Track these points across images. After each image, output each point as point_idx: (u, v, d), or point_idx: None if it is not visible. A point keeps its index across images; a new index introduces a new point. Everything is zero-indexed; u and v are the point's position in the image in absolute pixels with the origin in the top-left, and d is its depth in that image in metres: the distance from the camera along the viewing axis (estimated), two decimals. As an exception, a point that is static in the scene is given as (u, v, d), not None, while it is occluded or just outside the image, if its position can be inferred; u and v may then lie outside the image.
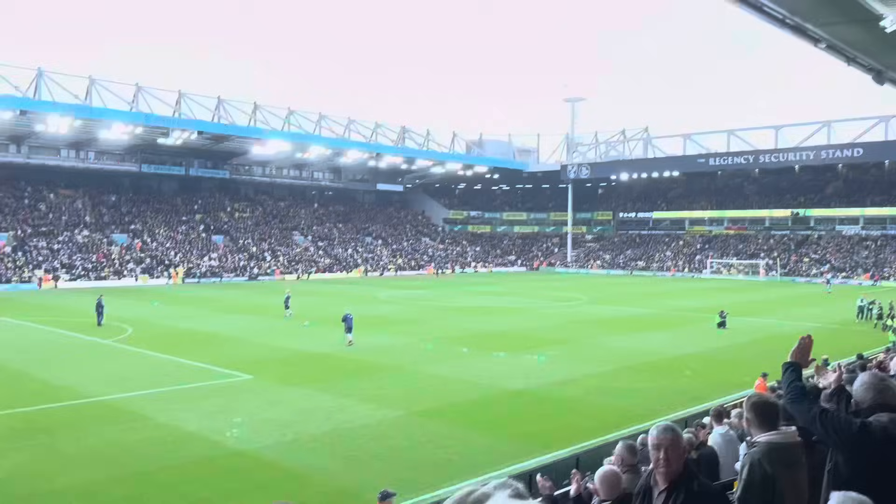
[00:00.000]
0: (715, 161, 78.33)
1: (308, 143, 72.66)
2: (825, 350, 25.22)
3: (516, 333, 31.23)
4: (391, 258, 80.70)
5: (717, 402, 17.56)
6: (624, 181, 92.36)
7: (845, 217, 77.35)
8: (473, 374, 22.34)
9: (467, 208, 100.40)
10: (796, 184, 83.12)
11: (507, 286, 60.16)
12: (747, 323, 35.11)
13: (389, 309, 41.12)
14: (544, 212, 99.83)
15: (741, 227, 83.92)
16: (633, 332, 32.34)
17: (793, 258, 74.49)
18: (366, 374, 22.41)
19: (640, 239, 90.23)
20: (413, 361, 24.38)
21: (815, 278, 66.55)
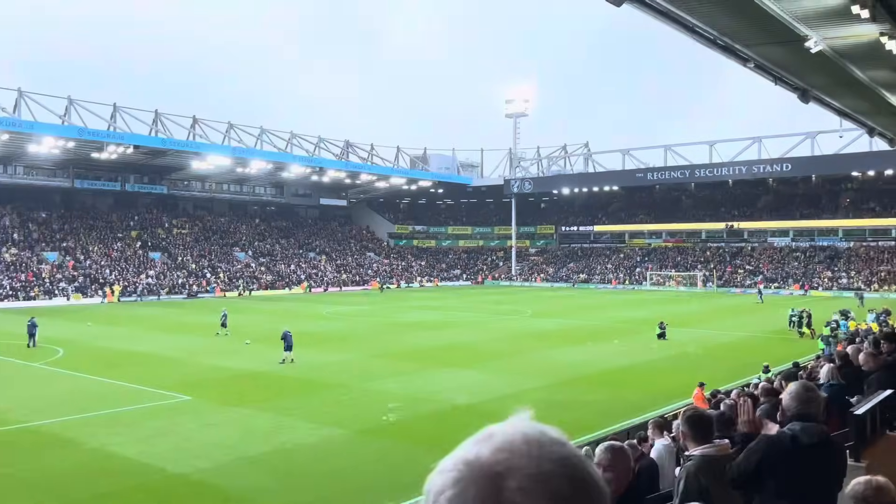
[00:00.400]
0: (653, 175, 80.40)
1: (249, 157, 71.55)
2: (762, 358, 26.08)
3: (462, 347, 31.18)
4: (335, 273, 79.99)
5: (659, 412, 17.90)
6: (566, 195, 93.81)
7: (776, 229, 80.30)
8: (418, 390, 22.21)
9: (412, 223, 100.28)
10: (730, 197, 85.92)
11: (452, 300, 60.16)
12: (686, 333, 35.90)
13: (333, 325, 40.63)
14: (489, 226, 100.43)
15: (679, 240, 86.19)
16: (576, 344, 32.67)
17: (728, 269, 76.84)
18: (308, 392, 22.04)
19: (582, 252, 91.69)
20: (357, 378, 24.10)
21: (749, 289, 68.72)
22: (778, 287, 70.12)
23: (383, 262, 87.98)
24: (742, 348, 31.65)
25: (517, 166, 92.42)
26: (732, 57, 10.94)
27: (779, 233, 80.00)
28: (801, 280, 70.40)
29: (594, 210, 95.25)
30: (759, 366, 23.97)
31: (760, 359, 26.15)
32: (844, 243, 75.33)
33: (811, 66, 11.33)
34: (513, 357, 28.80)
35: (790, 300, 54.68)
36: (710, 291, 71.74)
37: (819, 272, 71.51)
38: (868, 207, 75.78)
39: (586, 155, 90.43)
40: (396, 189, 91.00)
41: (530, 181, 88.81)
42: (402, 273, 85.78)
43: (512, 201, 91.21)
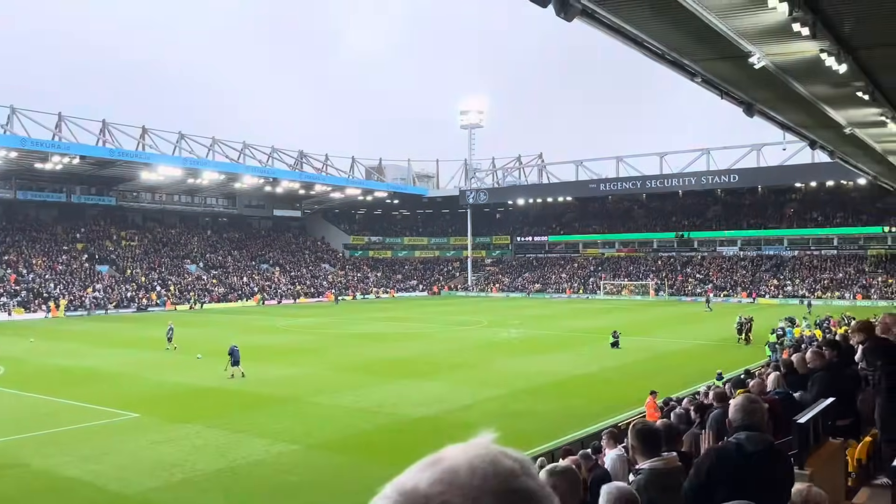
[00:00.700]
0: (605, 186, 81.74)
1: (200, 168, 70.34)
2: (714, 366, 26.61)
3: (418, 359, 31.09)
4: (289, 285, 79.11)
5: (613, 421, 18.10)
6: (521, 206, 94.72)
7: (724, 239, 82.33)
8: (375, 403, 22.03)
9: (368, 233, 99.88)
10: (680, 208, 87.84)
11: (408, 311, 60.03)
12: (639, 342, 36.48)
13: (287, 338, 40.16)
14: (444, 236, 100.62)
15: (631, 250, 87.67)
16: (531, 354, 32.87)
17: (679, 278, 78.41)
18: (261, 407, 21.66)
19: (536, 262, 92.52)
20: (311, 392, 23.79)
21: (699, 297, 70.20)
22: (727, 295, 71.82)
23: (338, 274, 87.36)
24: (693, 356, 32.26)
25: (472, 177, 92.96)
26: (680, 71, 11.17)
27: (727, 242, 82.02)
28: (749, 288, 72.24)
29: (549, 220, 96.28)
30: (711, 373, 24.46)
31: (712, 366, 26.68)
32: (789, 252, 77.63)
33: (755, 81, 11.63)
34: (468, 368, 28.80)
35: (738, 308, 56.01)
36: (662, 300, 73.07)
37: (766, 280, 73.49)
38: (811, 217, 78.30)
39: (540, 166, 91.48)
40: (352, 200, 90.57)
41: (485, 192, 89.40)
42: (358, 284, 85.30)
43: (467, 212, 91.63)
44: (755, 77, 11.05)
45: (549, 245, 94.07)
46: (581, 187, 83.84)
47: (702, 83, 11.73)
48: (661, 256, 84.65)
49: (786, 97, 12.91)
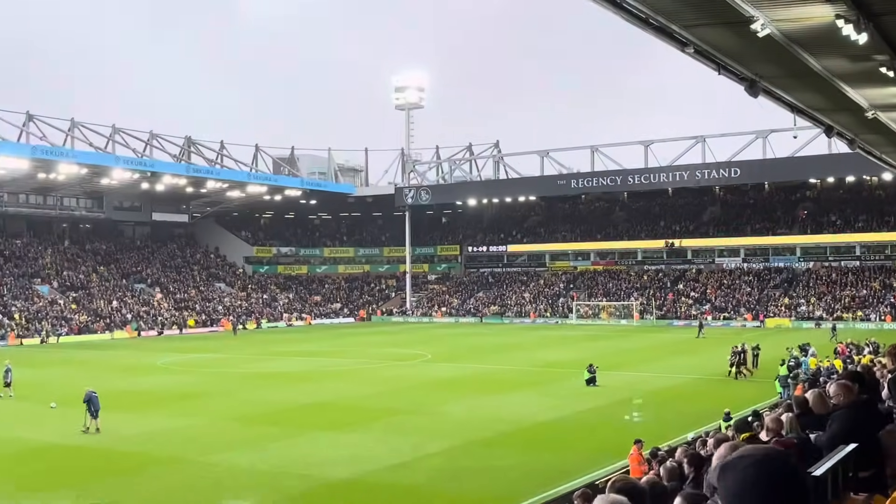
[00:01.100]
0: (577, 183, 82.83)
1: (55, 159, 68.53)
2: (712, 405, 27.11)
3: (341, 404, 30.96)
4: (173, 311, 77.80)
5: (587, 479, 18.26)
6: (472, 208, 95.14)
7: (724, 248, 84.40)
8: (285, 462, 21.77)
9: (277, 243, 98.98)
10: (670, 209, 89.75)
11: (329, 343, 59.62)
12: (620, 378, 36.97)
13: (170, 380, 39.63)
14: (376, 246, 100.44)
15: (610, 262, 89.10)
16: (486, 394, 33.00)
17: (669, 297, 79.97)
18: (136, 471, 21.18)
19: (493, 278, 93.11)
20: (202, 450, 23.40)
21: (694, 321, 71.65)
22: (727, 317, 73.50)
23: (238, 296, 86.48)
24: (687, 395, 32.86)
25: (412, 171, 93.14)
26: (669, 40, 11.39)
27: (728, 252, 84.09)
28: (755, 308, 74.16)
29: (507, 226, 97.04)
30: (708, 415, 24.95)
31: (710, 406, 27.19)
32: (803, 264, 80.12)
33: (759, 52, 11.95)
34: (407, 414, 28.82)
35: (741, 333, 57.37)
36: (649, 324, 74.33)
37: (775, 298, 75.62)
38: (829, 221, 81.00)
39: (497, 157, 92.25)
40: (255, 200, 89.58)
41: (428, 190, 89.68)
42: (264, 309, 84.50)
43: (406, 215, 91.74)
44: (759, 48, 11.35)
45: (509, 257, 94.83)
46: (548, 184, 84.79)
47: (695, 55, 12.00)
48: (646, 270, 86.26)
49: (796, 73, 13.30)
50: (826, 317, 69.34)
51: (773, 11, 9.87)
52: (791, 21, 10.24)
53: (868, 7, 9.51)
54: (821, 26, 10.14)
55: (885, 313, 68.42)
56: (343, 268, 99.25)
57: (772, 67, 13.21)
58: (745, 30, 10.26)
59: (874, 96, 14.81)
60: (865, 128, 18.44)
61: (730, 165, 74.09)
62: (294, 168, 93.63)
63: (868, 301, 71.69)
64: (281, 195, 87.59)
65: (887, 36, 10.60)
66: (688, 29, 11.10)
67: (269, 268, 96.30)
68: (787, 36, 10.83)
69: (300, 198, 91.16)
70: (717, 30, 11.20)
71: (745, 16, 9.82)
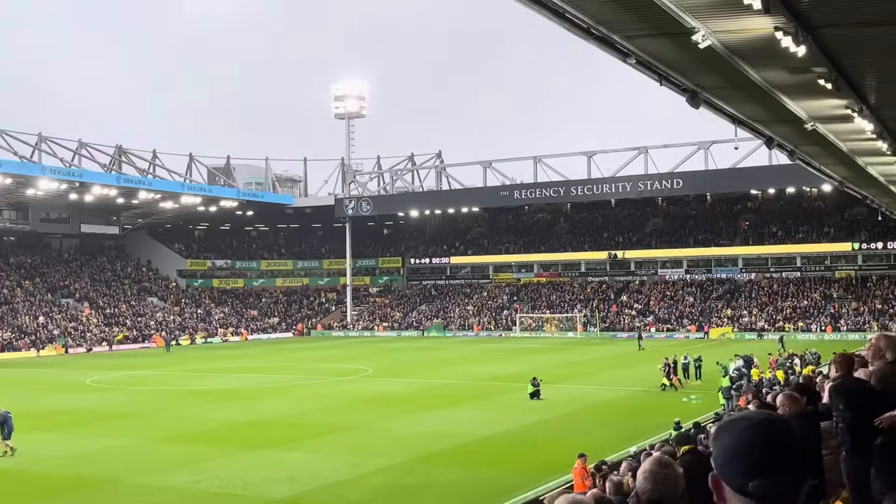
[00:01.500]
0: (521, 194, 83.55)
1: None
2: (654, 418, 27.46)
3: (280, 422, 30.75)
4: (103, 327, 76.46)
5: (532, 495, 18.35)
6: (414, 219, 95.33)
7: (667, 259, 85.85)
8: (222, 482, 21.52)
9: (212, 256, 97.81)
10: (613, 221, 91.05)
11: (267, 358, 59.27)
12: (565, 391, 37.30)
13: (99, 399, 38.93)
14: (316, 259, 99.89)
15: (554, 274, 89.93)
16: (429, 410, 33.10)
17: (612, 309, 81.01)
18: (63, 494, 20.74)
19: (436, 291, 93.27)
20: (134, 471, 23.03)
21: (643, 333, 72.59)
22: (671, 329, 74.66)
23: (171, 310, 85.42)
24: (632, 408, 33.24)
25: (352, 181, 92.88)
26: (611, 51, 11.59)
27: (671, 263, 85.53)
28: (698, 320, 75.51)
29: (450, 238, 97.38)
30: (652, 429, 25.26)
31: (653, 419, 27.56)
32: (745, 275, 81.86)
33: (700, 63, 12.23)
34: (348, 431, 28.70)
35: (684, 345, 58.28)
36: (593, 337, 75.12)
37: (718, 310, 77.12)
38: (770, 232, 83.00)
39: (439, 168, 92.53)
40: (189, 211, 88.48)
41: (369, 201, 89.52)
42: (198, 324, 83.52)
43: (346, 227, 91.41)
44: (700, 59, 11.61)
45: (452, 269, 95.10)
46: (491, 195, 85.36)
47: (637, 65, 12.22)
48: (590, 282, 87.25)
49: (737, 84, 13.63)
50: (768, 328, 70.92)
51: (713, 23, 10.10)
52: (731, 33, 10.50)
53: (806, 20, 9.79)
54: (761, 38, 10.40)
55: (825, 324, 70.22)
56: (281, 281, 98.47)
57: (713, 78, 13.51)
58: (686, 41, 10.47)
59: (813, 108, 15.23)
60: (805, 139, 18.93)
61: (672, 177, 75.40)
62: (230, 178, 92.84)
63: (809, 312, 73.53)
64: (216, 206, 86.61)
65: (825, 48, 10.92)
66: (630, 40, 11.30)
67: (204, 281, 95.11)
68: (728, 47, 11.09)
69: (236, 209, 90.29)
70: (659, 41, 11.43)
71: (686, 27, 10.03)
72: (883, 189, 29.61)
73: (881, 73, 13.33)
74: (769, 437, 1.97)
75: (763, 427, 2.00)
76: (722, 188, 79.98)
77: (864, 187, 31.88)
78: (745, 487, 1.93)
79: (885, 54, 11.57)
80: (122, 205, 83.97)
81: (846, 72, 12.29)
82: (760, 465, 1.93)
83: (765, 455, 1.94)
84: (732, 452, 1.98)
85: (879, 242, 75.00)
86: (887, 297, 72.18)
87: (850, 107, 14.00)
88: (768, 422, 2.04)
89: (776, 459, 1.95)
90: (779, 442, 1.97)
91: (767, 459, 1.94)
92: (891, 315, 68.72)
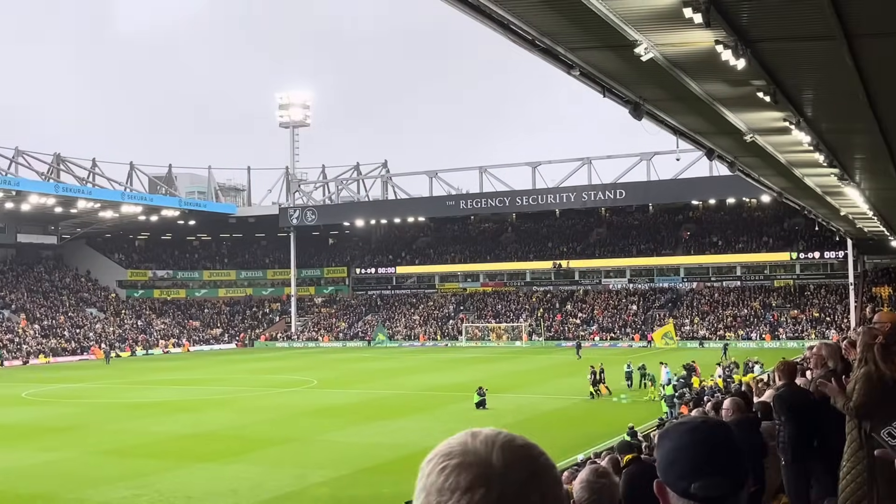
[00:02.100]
0: (466, 204, 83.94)
1: None
2: (601, 427, 27.69)
3: (223, 434, 30.44)
4: (40, 338, 74.97)
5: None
6: (360, 229, 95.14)
7: (611, 269, 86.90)
8: (164, 496, 21.24)
9: (153, 266, 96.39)
10: (557, 231, 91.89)
11: (209, 370, 58.68)
12: (511, 400, 37.52)
13: (36, 412, 38.15)
14: (260, 269, 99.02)
15: (499, 283, 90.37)
16: (375, 420, 33.04)
17: (557, 318, 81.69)
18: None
19: (381, 300, 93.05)
20: (72, 486, 22.62)
21: (583, 341, 73.10)
22: (614, 338, 75.45)
23: (111, 321, 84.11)
24: (577, 416, 33.56)
25: (297, 191, 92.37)
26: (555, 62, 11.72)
27: (614, 273, 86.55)
28: (641, 329, 76.47)
29: (396, 247, 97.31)
30: (597, 437, 25.47)
31: (597, 428, 27.83)
32: (686, 284, 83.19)
33: (643, 76, 12.43)
34: (292, 443, 28.53)
35: (627, 353, 58.97)
36: (538, 346, 75.61)
37: (660, 318, 78.22)
38: (710, 242, 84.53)
39: (385, 177, 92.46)
40: (130, 221, 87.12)
41: (314, 210, 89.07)
42: (139, 336, 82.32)
43: (290, 236, 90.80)
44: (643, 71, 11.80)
45: (398, 279, 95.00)
46: (436, 205, 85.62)
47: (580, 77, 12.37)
48: (535, 291, 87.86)
49: (678, 97, 13.89)
50: (710, 336, 72.08)
51: (655, 36, 10.27)
52: (673, 46, 10.68)
53: (746, 34, 10.01)
54: (702, 51, 10.61)
55: (764, 332, 71.68)
56: (224, 291, 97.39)
57: (655, 91, 13.74)
58: (629, 53, 10.64)
59: (752, 120, 15.57)
60: (745, 151, 19.35)
61: (615, 187, 76.61)
62: (171, 187, 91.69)
63: (749, 320, 75.01)
64: (157, 215, 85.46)
65: (764, 62, 11.18)
66: (573, 52, 11.44)
67: (145, 292, 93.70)
68: (670, 60, 11.29)
69: (178, 218, 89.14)
70: (602, 53, 11.59)
71: (629, 40, 10.18)
72: (820, 200, 30.39)
73: (818, 87, 13.69)
74: (708, 438, 2.01)
75: (702, 429, 2.04)
76: (664, 199, 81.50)
77: (802, 198, 32.71)
78: (689, 490, 1.96)
79: (822, 68, 11.88)
80: (61, 214, 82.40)
81: (784, 85, 12.59)
82: (701, 467, 1.96)
83: (704, 456, 1.97)
84: (674, 456, 2.00)
85: (816, 252, 76.83)
86: (824, 306, 73.99)
87: (788, 119, 14.35)
88: (707, 424, 2.08)
89: (716, 460, 1.98)
90: (717, 442, 2.01)
91: (707, 460, 1.97)
92: (828, 323, 70.39)
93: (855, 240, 62.19)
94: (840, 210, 34.21)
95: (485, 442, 1.35)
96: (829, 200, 29.91)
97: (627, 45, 10.35)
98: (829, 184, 23.94)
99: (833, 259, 75.66)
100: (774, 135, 16.63)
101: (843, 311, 70.82)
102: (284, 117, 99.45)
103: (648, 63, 10.77)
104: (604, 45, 11.07)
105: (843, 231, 54.77)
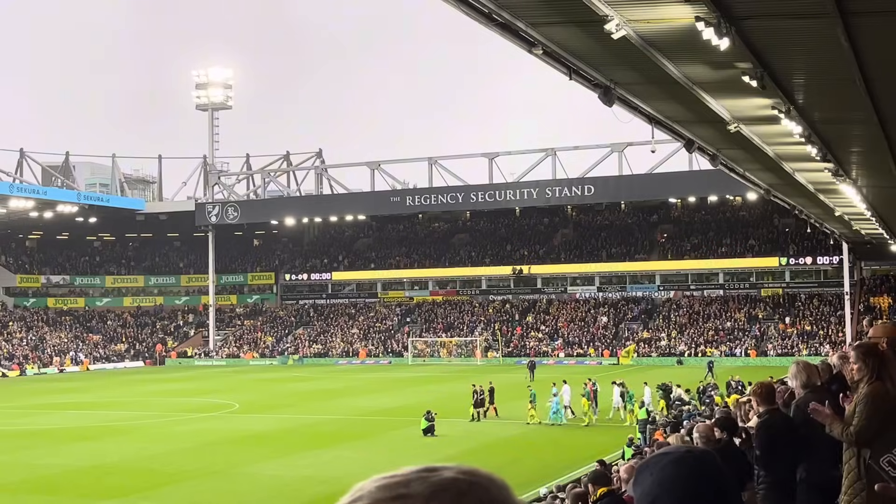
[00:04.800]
0: (414, 200, 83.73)
1: None
2: (565, 455, 27.78)
3: (125, 467, 30.11)
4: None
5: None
6: (290, 228, 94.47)
7: (578, 275, 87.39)
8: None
9: (47, 271, 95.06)
10: (517, 232, 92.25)
11: (112, 392, 58.07)
12: (462, 426, 37.54)
13: None
14: (172, 274, 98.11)
15: (451, 291, 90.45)
16: (306, 450, 32.92)
17: (517, 331, 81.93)
18: None
19: (315, 311, 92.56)
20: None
21: (545, 358, 73.44)
22: (581, 354, 75.81)
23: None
24: (536, 444, 33.68)
25: (216, 183, 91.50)
26: (515, 39, 11.73)
27: (581, 280, 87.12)
28: (611, 343, 76.99)
29: (332, 250, 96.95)
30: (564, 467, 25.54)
31: (563, 456, 27.90)
32: (663, 293, 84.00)
33: (614, 56, 12.50)
34: (209, 477, 28.34)
35: (595, 371, 59.29)
36: (495, 364, 75.64)
37: (633, 332, 78.89)
38: (690, 245, 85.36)
39: (319, 169, 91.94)
40: (19, 217, 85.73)
41: (236, 206, 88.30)
42: (30, 352, 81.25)
43: (209, 237, 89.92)
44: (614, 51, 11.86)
45: (334, 286, 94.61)
46: (379, 201, 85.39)
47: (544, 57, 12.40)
48: (492, 301, 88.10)
49: (654, 80, 13.99)
50: (689, 352, 72.62)
51: (628, 11, 10.30)
52: (648, 22, 10.74)
53: (730, 10, 10.06)
54: (680, 29, 10.68)
55: (750, 347, 72.39)
56: (130, 300, 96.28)
57: (628, 73, 13.81)
58: (598, 30, 10.66)
59: (737, 108, 15.72)
60: (728, 142, 19.54)
61: (583, 182, 76.79)
62: (69, 179, 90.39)
63: (733, 334, 75.74)
64: (52, 211, 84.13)
65: (750, 42, 11.24)
66: (536, 27, 11.44)
67: (37, 301, 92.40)
68: (645, 39, 11.34)
69: (77, 215, 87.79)
70: (569, 29, 11.61)
71: (598, 15, 10.20)
72: (812, 198, 30.88)
73: (810, 71, 13.84)
74: (694, 470, 2.01)
75: (687, 461, 2.03)
76: (638, 196, 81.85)
77: (792, 196, 33.22)
78: None
79: (815, 50, 12.02)
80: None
81: (772, 68, 12.71)
82: (687, 501, 1.96)
83: (691, 491, 1.97)
84: (657, 492, 2.00)
85: (808, 257, 77.73)
86: (817, 318, 74.84)
87: (777, 107, 14.51)
88: (692, 455, 2.07)
89: (703, 493, 1.98)
90: (705, 475, 2.01)
91: (694, 493, 1.97)
92: (821, 337, 71.34)
93: (851, 244, 63.32)
94: (834, 210, 34.80)
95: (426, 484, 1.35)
96: (822, 199, 30.40)
97: (597, 20, 10.38)
98: (823, 180, 24.30)
99: (827, 265, 76.89)
100: (762, 124, 16.83)
101: (838, 323, 71.91)
102: (202, 98, 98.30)
103: (620, 41, 10.82)
104: (570, 20, 11.10)
105: (837, 234, 55.68)
